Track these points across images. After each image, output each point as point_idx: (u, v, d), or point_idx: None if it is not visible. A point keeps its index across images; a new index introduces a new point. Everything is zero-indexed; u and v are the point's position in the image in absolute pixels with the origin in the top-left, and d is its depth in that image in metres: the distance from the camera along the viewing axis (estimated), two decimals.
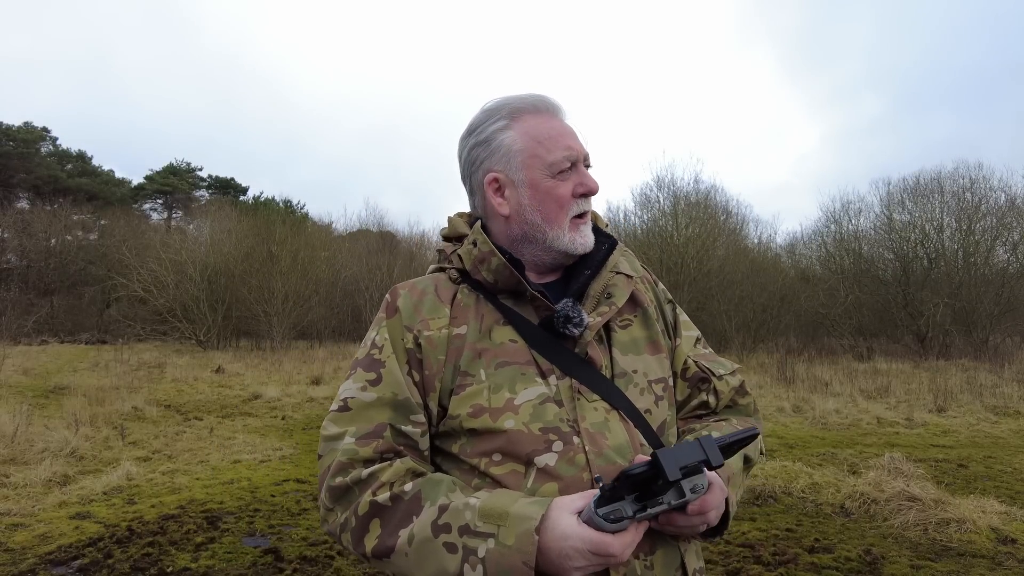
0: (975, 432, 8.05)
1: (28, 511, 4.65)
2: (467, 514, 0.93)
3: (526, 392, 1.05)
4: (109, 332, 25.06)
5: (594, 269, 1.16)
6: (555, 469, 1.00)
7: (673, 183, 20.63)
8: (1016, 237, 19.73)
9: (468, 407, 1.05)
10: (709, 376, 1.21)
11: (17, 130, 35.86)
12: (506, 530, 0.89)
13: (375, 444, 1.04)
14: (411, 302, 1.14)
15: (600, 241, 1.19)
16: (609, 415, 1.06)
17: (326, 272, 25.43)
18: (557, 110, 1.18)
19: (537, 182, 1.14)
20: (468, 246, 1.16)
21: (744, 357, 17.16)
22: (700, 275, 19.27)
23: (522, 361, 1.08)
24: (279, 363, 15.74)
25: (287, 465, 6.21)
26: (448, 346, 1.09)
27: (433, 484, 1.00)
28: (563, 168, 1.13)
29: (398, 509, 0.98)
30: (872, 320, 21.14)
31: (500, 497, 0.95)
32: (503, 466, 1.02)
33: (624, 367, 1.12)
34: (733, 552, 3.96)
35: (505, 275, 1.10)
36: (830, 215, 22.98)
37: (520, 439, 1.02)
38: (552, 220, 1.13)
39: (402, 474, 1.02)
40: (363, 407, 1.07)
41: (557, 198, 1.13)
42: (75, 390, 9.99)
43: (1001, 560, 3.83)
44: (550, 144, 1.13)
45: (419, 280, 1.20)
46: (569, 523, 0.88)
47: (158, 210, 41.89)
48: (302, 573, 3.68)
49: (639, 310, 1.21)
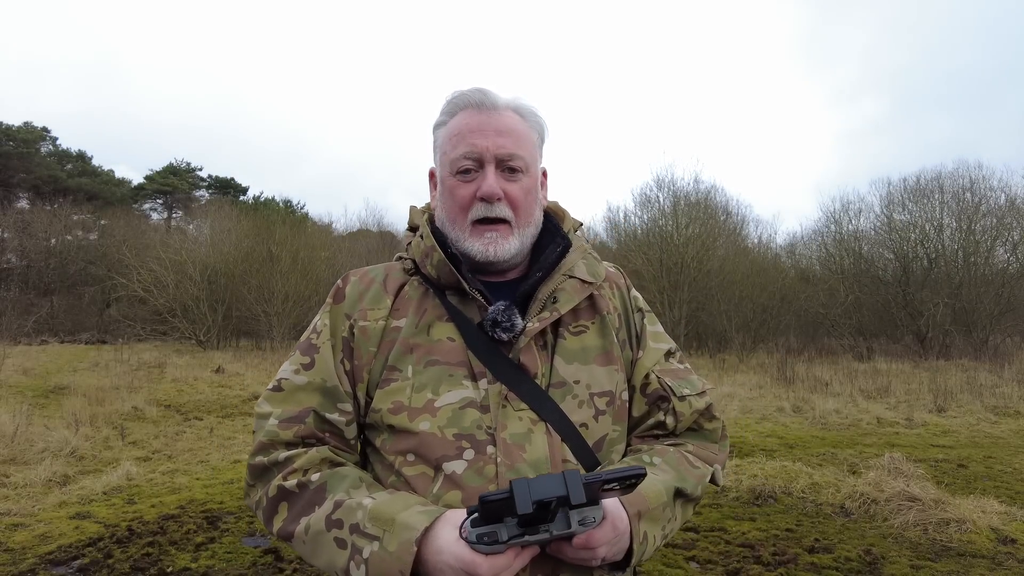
0: (975, 432, 8.05)
1: (28, 511, 4.65)
2: (359, 514, 0.93)
3: (449, 395, 1.03)
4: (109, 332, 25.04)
5: (545, 271, 1.11)
6: (461, 478, 0.98)
7: (673, 183, 20.65)
8: (1016, 237, 19.74)
9: (390, 402, 1.04)
10: (669, 395, 1.13)
11: (17, 130, 35.86)
12: (390, 536, 0.89)
13: (296, 428, 1.05)
14: (357, 290, 1.14)
15: (556, 243, 1.15)
16: (535, 427, 1.01)
17: (326, 272, 25.39)
18: (492, 106, 1.11)
19: (444, 180, 1.13)
20: (417, 238, 1.15)
21: (744, 357, 17.17)
22: (700, 275, 19.27)
23: (454, 361, 1.05)
24: (279, 363, 15.66)
25: None
26: (382, 338, 1.08)
27: (339, 477, 1.00)
28: (464, 167, 1.09)
29: (303, 497, 0.99)
30: (872, 320, 21.15)
31: (394, 502, 0.94)
32: (415, 467, 1.02)
33: (564, 376, 1.07)
34: (733, 552, 3.96)
35: (445, 271, 1.08)
36: (830, 215, 23.03)
37: (432, 443, 1.00)
38: (454, 221, 1.11)
39: (316, 463, 1.02)
40: (294, 390, 1.08)
41: (456, 198, 1.10)
42: (75, 390, 9.98)
43: (1001, 560, 3.83)
44: (456, 141, 1.10)
45: (373, 268, 1.19)
46: (447, 539, 0.87)
47: (158, 210, 41.91)
48: (302, 573, 3.68)
49: (597, 317, 1.15)
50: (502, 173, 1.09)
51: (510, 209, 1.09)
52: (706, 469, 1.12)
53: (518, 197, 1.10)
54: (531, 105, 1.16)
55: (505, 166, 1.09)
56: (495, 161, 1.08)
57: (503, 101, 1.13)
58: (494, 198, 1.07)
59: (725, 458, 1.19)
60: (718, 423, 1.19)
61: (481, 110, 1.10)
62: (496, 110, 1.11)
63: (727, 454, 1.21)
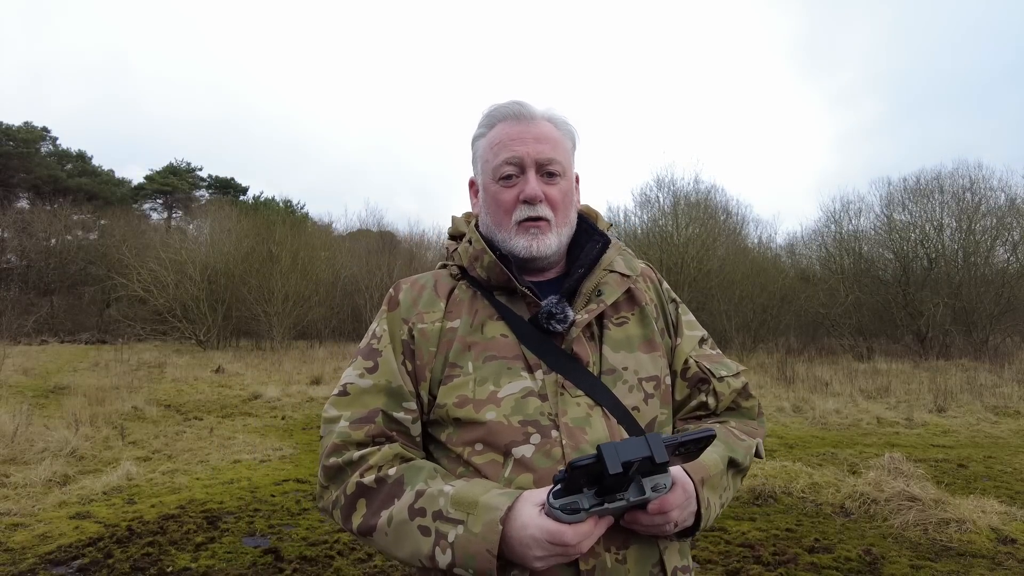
0: (975, 432, 8.05)
1: (28, 511, 4.65)
2: (441, 500, 0.98)
3: (510, 386, 1.09)
4: (109, 332, 25.05)
5: (587, 267, 1.19)
6: (531, 461, 1.04)
7: (673, 183, 20.66)
8: (1016, 237, 19.74)
9: (454, 397, 1.10)
10: (709, 377, 1.21)
11: (17, 130, 35.85)
12: (474, 518, 0.94)
13: (367, 428, 1.10)
14: (411, 296, 1.21)
15: (595, 240, 1.23)
16: (592, 411, 1.08)
17: (326, 272, 25.43)
18: (530, 117, 1.19)
19: (487, 186, 1.21)
20: (465, 244, 1.22)
21: (744, 357, 17.15)
22: (700, 275, 19.28)
23: (510, 356, 1.12)
24: (279, 363, 15.74)
25: (287, 465, 6.21)
26: (440, 338, 1.15)
27: (415, 470, 1.05)
28: (506, 174, 1.16)
29: (382, 491, 1.04)
30: (872, 320, 21.15)
31: (473, 486, 0.99)
32: (484, 455, 1.07)
33: (613, 364, 1.14)
34: (733, 552, 3.96)
35: (496, 272, 1.15)
36: (830, 215, 23.03)
37: (499, 430, 1.06)
38: (499, 224, 1.19)
39: (389, 458, 1.08)
40: (360, 393, 1.13)
41: (500, 203, 1.18)
42: (75, 390, 9.99)
43: (1001, 560, 3.83)
44: (498, 149, 1.17)
45: (421, 276, 1.27)
46: (530, 513, 0.91)
47: (158, 210, 41.90)
48: (302, 573, 3.68)
49: (636, 308, 1.23)
50: (541, 177, 1.17)
51: (550, 210, 1.17)
52: (751, 441, 1.20)
53: (557, 199, 1.18)
54: (563, 115, 1.25)
55: (544, 170, 1.17)
56: (535, 166, 1.16)
57: (539, 112, 1.21)
58: (536, 200, 1.15)
59: (764, 433, 1.26)
60: (754, 401, 1.27)
61: (519, 120, 1.18)
62: (533, 120, 1.19)
63: (765, 430, 1.28)
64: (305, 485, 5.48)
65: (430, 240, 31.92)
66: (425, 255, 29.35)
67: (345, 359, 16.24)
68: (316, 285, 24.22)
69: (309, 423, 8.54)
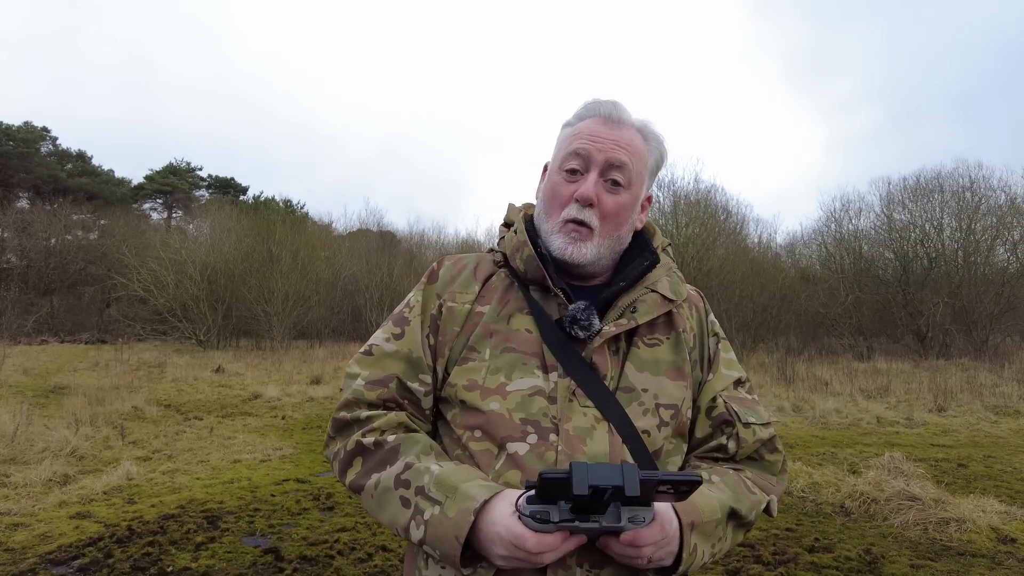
0: (975, 432, 8.05)
1: (28, 511, 4.65)
2: (426, 477, 0.99)
3: (520, 381, 1.09)
4: (109, 332, 25.03)
5: (630, 282, 1.16)
6: (523, 459, 1.03)
7: (673, 183, 20.60)
8: (1016, 237, 19.74)
9: (465, 379, 1.11)
10: (734, 420, 1.15)
11: (17, 130, 35.83)
12: (451, 502, 0.95)
13: (380, 392, 1.13)
14: (450, 274, 1.22)
15: (644, 257, 1.19)
16: (598, 424, 1.06)
17: (326, 272, 25.41)
18: (619, 121, 1.15)
19: (551, 174, 1.19)
20: (511, 233, 1.22)
21: (744, 357, 17.15)
22: (700, 275, 19.24)
23: (528, 352, 1.11)
24: (279, 363, 15.74)
25: (287, 465, 6.21)
26: (466, 320, 1.16)
27: (412, 442, 1.07)
28: (571, 167, 1.13)
29: (377, 455, 1.06)
30: (872, 320, 21.16)
31: (459, 472, 1.00)
32: (480, 443, 1.08)
33: (633, 383, 1.11)
34: (733, 552, 3.96)
35: (533, 266, 1.14)
36: (830, 215, 23.05)
37: (499, 422, 1.06)
38: (547, 212, 1.17)
39: (393, 425, 1.10)
40: (383, 355, 1.16)
41: (556, 194, 1.15)
42: (75, 390, 9.98)
43: (1001, 560, 3.83)
44: (572, 141, 1.15)
45: (465, 256, 1.27)
46: (503, 511, 0.92)
47: (158, 210, 41.88)
48: (302, 573, 3.68)
49: (672, 333, 1.19)
50: (604, 183, 1.12)
51: (598, 218, 1.12)
52: (762, 496, 1.14)
53: (610, 209, 1.13)
54: (658, 132, 1.20)
55: (609, 176, 1.12)
56: (601, 168, 1.12)
57: (631, 119, 1.17)
58: (587, 201, 1.11)
59: (782, 491, 1.21)
60: (779, 456, 1.20)
61: (608, 121, 1.15)
62: (621, 124, 1.15)
63: (784, 488, 1.22)
64: (305, 485, 5.48)
65: (430, 239, 31.91)
66: (425, 255, 29.32)
67: (345, 359, 16.24)
68: (316, 285, 24.19)
69: (309, 423, 8.53)
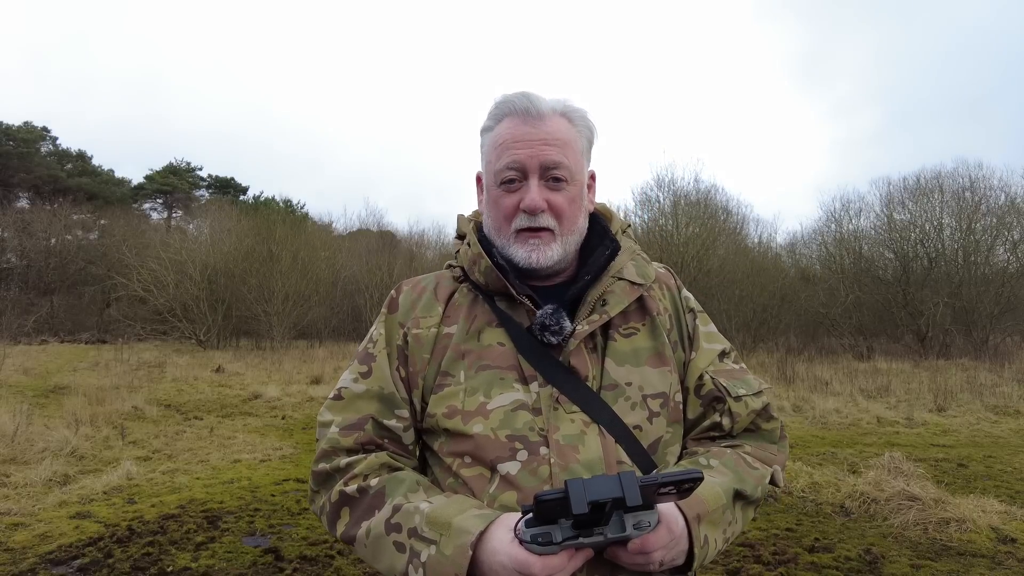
0: (975, 431, 8.05)
1: (28, 511, 4.65)
2: (416, 518, 0.96)
3: (500, 397, 1.04)
4: (109, 332, 25.04)
5: (594, 275, 1.11)
6: (516, 478, 0.99)
7: (673, 183, 20.59)
8: (1016, 237, 19.72)
9: (444, 407, 1.06)
10: (724, 396, 1.12)
11: (17, 130, 35.83)
12: (447, 540, 0.91)
13: (356, 435, 1.08)
14: (410, 299, 1.17)
15: (605, 246, 1.15)
16: (587, 428, 1.02)
17: (326, 272, 25.42)
18: (537, 115, 1.09)
19: (489, 189, 1.14)
20: (464, 246, 1.16)
21: (744, 357, 17.15)
22: (700, 275, 19.24)
23: (504, 365, 1.07)
24: (279, 363, 15.74)
25: (287, 464, 6.21)
26: (435, 345, 1.11)
27: (397, 482, 1.03)
28: (508, 179, 1.08)
29: (363, 502, 1.03)
30: (872, 320, 21.14)
31: (450, 505, 0.96)
32: (472, 468, 1.04)
33: (616, 379, 1.07)
34: (733, 552, 3.96)
35: (492, 277, 1.09)
36: (830, 214, 23.03)
37: (486, 444, 1.02)
38: (499, 229, 1.12)
39: (375, 468, 1.05)
40: (353, 398, 1.11)
41: (501, 208, 1.10)
42: (75, 390, 9.97)
43: (1001, 560, 3.83)
44: (500, 152, 1.09)
45: (424, 277, 1.22)
46: (502, 539, 0.88)
47: (158, 210, 41.88)
48: (302, 573, 3.68)
49: (647, 318, 1.15)
50: (546, 183, 1.08)
51: (553, 219, 1.09)
52: (765, 470, 1.11)
53: (562, 207, 1.09)
54: (580, 108, 1.14)
55: (549, 175, 1.08)
56: (539, 171, 1.07)
57: (549, 106, 1.10)
58: (537, 211, 1.07)
59: (785, 459, 1.17)
60: (776, 423, 1.17)
61: (527, 119, 1.08)
62: (542, 119, 1.09)
63: (787, 454, 1.19)
64: (305, 485, 5.48)
65: (430, 239, 31.92)
66: (425, 255, 29.33)
67: (345, 359, 16.25)
68: (316, 285, 24.21)
69: (309, 423, 8.53)
